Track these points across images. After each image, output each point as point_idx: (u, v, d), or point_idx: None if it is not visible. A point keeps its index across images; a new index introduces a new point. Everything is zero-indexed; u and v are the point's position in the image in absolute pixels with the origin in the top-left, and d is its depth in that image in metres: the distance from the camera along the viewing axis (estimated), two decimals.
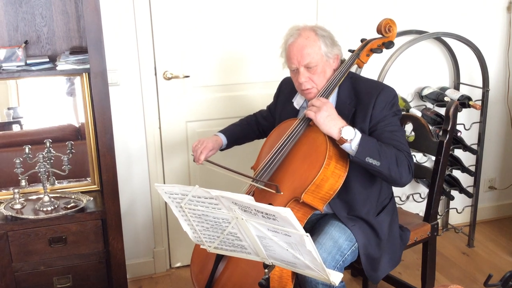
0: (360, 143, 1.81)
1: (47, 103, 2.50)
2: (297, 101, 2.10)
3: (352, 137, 1.81)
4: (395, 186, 2.01)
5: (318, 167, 1.83)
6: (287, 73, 2.29)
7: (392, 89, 1.97)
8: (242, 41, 2.76)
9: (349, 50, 2.13)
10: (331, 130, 1.83)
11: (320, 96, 1.94)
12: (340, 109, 1.94)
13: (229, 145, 2.29)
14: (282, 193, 1.86)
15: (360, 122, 1.92)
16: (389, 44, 2.09)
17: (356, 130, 1.83)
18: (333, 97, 2.01)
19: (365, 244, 1.97)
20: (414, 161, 2.85)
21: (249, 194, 1.95)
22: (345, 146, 1.84)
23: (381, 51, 2.09)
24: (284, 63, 2.05)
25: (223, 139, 2.25)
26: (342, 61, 2.04)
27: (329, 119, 1.83)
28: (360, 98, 1.96)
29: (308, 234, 1.36)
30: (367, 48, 2.08)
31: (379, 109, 1.92)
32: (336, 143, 1.89)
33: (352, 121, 1.93)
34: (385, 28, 2.08)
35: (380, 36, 2.11)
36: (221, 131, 2.29)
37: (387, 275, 2.36)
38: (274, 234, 1.44)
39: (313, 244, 1.38)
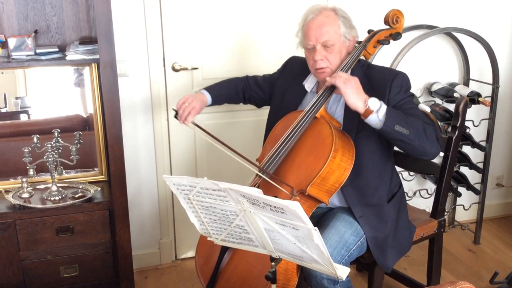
0: (387, 112, 1.80)
1: (55, 93, 2.51)
2: (308, 84, 2.08)
3: (378, 107, 1.80)
4: (424, 157, 1.92)
5: (324, 159, 1.83)
6: None
7: (405, 74, 1.97)
8: (251, 33, 2.75)
9: (356, 42, 2.11)
10: (357, 102, 1.80)
11: None
12: None
13: (211, 105, 2.26)
14: (298, 198, 1.84)
15: None
16: (396, 36, 2.07)
17: (381, 102, 1.82)
18: None
19: (373, 236, 1.97)
20: None
21: (254, 186, 1.95)
22: (372, 118, 1.81)
23: (389, 43, 2.08)
24: (299, 42, 2.03)
25: (208, 100, 2.21)
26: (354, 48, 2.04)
27: (356, 91, 1.81)
28: (374, 84, 1.95)
29: (316, 228, 1.36)
30: (374, 39, 2.07)
31: (394, 93, 1.91)
32: (342, 136, 1.89)
33: None
34: (393, 19, 2.06)
35: (388, 27, 2.09)
36: (208, 90, 2.24)
37: (392, 270, 2.36)
38: (282, 228, 1.44)
39: (321, 238, 1.38)
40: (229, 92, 2.30)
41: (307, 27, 1.96)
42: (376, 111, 1.80)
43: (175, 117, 2.09)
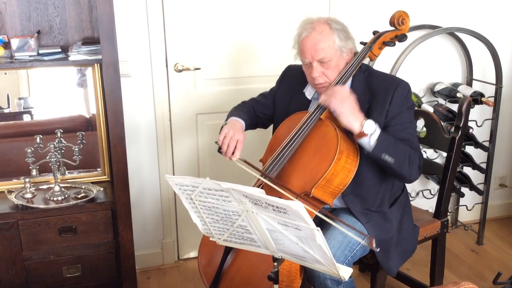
0: (378, 138, 1.80)
1: (58, 94, 2.51)
2: (309, 91, 2.07)
3: (372, 132, 1.80)
4: (401, 181, 2.04)
5: (329, 161, 1.82)
6: None
7: (407, 83, 1.97)
8: (254, 34, 2.75)
9: (361, 43, 2.10)
10: (353, 123, 1.80)
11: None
12: None
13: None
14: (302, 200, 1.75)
15: (376, 116, 1.90)
16: (402, 37, 2.07)
17: (376, 125, 1.82)
18: None
19: (378, 239, 1.95)
20: (425, 157, 2.83)
21: (258, 187, 1.95)
22: (363, 141, 1.82)
23: (394, 44, 2.07)
24: (296, 54, 2.02)
25: (244, 126, 2.09)
26: (355, 54, 2.02)
27: (352, 112, 1.81)
28: (375, 93, 1.94)
29: (318, 228, 1.36)
30: (380, 41, 2.06)
31: (396, 104, 1.91)
32: (346, 138, 1.88)
33: (366, 116, 1.91)
34: (398, 20, 2.06)
35: (393, 28, 2.08)
36: (240, 117, 2.10)
37: None
38: (284, 228, 1.43)
39: (323, 238, 1.38)
40: (249, 115, 2.18)
41: (301, 44, 1.93)
42: (369, 136, 1.80)
43: (219, 151, 1.95)
